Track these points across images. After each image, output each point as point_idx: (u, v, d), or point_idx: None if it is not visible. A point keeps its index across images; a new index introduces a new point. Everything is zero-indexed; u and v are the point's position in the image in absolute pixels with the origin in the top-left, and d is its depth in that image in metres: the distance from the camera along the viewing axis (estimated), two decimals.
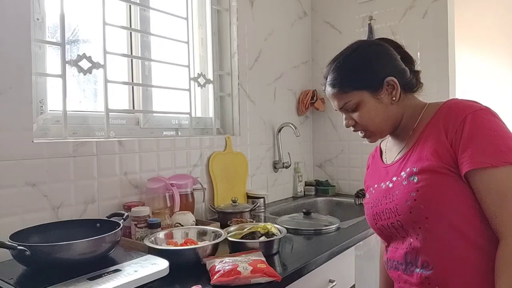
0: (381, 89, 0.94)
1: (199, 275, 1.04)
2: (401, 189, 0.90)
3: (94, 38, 1.50)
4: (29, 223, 1.12)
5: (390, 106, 0.95)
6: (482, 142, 0.80)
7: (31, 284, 0.88)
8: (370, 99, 0.94)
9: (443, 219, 0.84)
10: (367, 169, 1.16)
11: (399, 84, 0.94)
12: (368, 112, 0.95)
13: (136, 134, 1.62)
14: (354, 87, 0.95)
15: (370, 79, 0.94)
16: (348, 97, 0.96)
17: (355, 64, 0.96)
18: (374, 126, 0.97)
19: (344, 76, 0.96)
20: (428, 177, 0.85)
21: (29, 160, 1.17)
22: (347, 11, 2.39)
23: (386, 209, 0.94)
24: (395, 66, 0.96)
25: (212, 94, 1.94)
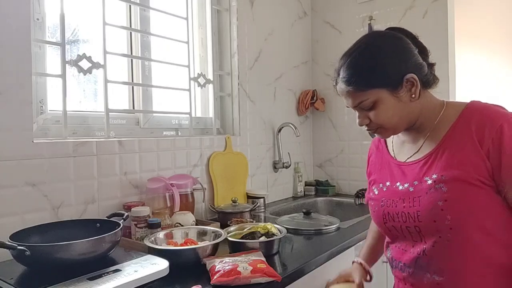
0: (400, 87, 0.87)
1: (199, 275, 1.04)
2: (426, 196, 0.86)
3: (94, 38, 1.50)
4: (29, 223, 1.12)
5: (409, 103, 0.89)
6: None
7: (31, 284, 0.88)
8: (389, 97, 0.88)
9: (468, 233, 0.82)
10: (369, 158, 1.11)
11: (419, 81, 0.88)
12: (386, 110, 0.89)
13: (136, 134, 1.62)
14: (372, 85, 0.87)
15: (389, 77, 0.87)
16: (364, 96, 0.88)
17: (372, 61, 0.88)
18: (391, 124, 0.91)
19: (360, 73, 0.88)
20: (458, 188, 0.82)
21: (29, 160, 1.17)
22: (347, 11, 2.38)
23: (404, 212, 0.90)
24: (414, 61, 0.89)
25: (212, 94, 1.94)
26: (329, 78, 2.65)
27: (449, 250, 0.84)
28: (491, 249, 0.82)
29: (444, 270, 0.85)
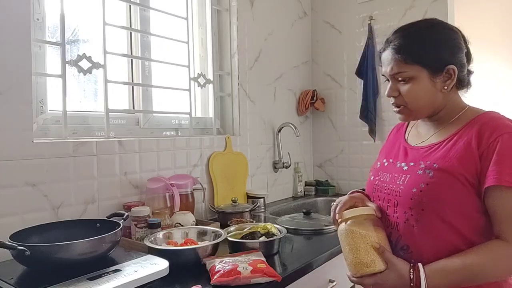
0: (440, 74, 0.93)
1: (199, 275, 1.04)
2: (413, 176, 0.93)
3: (94, 38, 1.50)
4: (29, 223, 1.12)
5: (439, 93, 0.95)
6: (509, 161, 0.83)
7: (31, 284, 0.88)
8: (426, 79, 0.93)
9: (435, 219, 0.88)
10: (389, 136, 1.17)
11: (456, 76, 0.94)
12: (418, 90, 0.94)
13: (136, 134, 1.62)
14: (418, 61, 0.92)
15: (436, 60, 0.93)
16: (406, 68, 0.93)
17: (428, 39, 0.94)
18: (417, 106, 0.95)
19: (413, 46, 0.93)
20: (443, 177, 0.88)
21: (29, 160, 1.17)
22: (347, 11, 2.38)
23: (391, 186, 0.98)
24: (460, 58, 0.95)
25: (212, 94, 1.94)
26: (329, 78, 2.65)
27: (416, 229, 0.91)
28: (453, 240, 0.88)
29: (409, 248, 0.93)
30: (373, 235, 0.93)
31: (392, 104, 1.00)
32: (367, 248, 0.92)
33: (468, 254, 0.85)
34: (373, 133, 2.24)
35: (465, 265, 0.84)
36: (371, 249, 0.91)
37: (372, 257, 0.91)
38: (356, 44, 2.35)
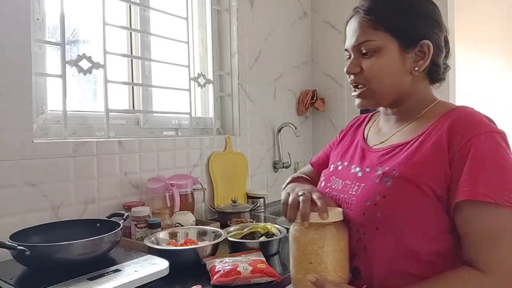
0: (412, 48, 0.79)
1: (199, 275, 1.04)
2: (368, 185, 0.78)
3: (94, 38, 1.50)
4: (29, 223, 1.12)
5: (408, 74, 0.80)
6: (491, 172, 0.68)
7: (31, 284, 0.88)
8: (395, 52, 0.78)
9: (395, 240, 0.73)
10: (345, 132, 1.02)
11: (431, 56, 0.79)
12: (383, 64, 0.79)
13: (136, 134, 1.62)
14: (388, 27, 0.78)
15: (409, 29, 0.78)
16: (374, 35, 0.78)
17: (405, 5, 0.80)
18: (380, 85, 0.80)
19: (386, 9, 0.79)
20: (404, 188, 0.72)
21: (29, 160, 1.17)
22: (347, 11, 2.37)
23: (342, 196, 0.82)
24: (438, 36, 0.81)
25: (212, 94, 1.94)
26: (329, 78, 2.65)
27: (369, 252, 0.76)
28: (412, 267, 0.73)
29: (361, 271, 0.78)
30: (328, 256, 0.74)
31: (351, 84, 0.84)
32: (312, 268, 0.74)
33: (433, 285, 0.69)
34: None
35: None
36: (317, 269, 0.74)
37: None
38: None
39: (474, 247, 0.69)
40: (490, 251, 0.68)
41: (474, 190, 0.67)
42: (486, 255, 0.68)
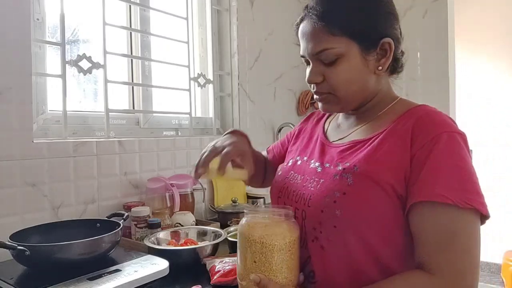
0: (373, 49, 0.75)
1: (199, 275, 1.04)
2: (328, 181, 0.74)
3: (94, 38, 1.50)
4: (29, 223, 1.12)
5: (372, 75, 0.77)
6: (450, 173, 0.66)
7: (31, 284, 0.88)
8: (357, 56, 0.74)
9: (355, 240, 0.70)
10: (302, 126, 0.99)
11: (392, 53, 0.76)
12: (347, 70, 0.74)
13: (136, 134, 1.62)
14: (346, 31, 0.73)
15: (369, 31, 0.74)
16: (333, 42, 0.73)
17: (360, 4, 0.75)
18: (347, 92, 0.76)
19: (341, 12, 0.74)
20: (364, 185, 0.70)
21: (29, 160, 1.17)
22: None
23: (300, 192, 0.79)
24: (396, 29, 0.78)
25: (212, 94, 1.94)
26: None
27: (326, 252, 0.73)
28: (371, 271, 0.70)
29: (316, 275, 0.74)
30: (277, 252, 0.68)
31: (314, 93, 0.81)
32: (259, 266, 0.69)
33: None
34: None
35: None
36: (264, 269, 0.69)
37: None
38: None
39: (427, 249, 0.67)
40: (442, 253, 0.65)
41: (432, 191, 0.65)
42: (438, 257, 0.65)
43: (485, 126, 3.57)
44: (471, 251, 0.65)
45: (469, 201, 0.65)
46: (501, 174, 3.53)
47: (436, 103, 2.31)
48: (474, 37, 3.52)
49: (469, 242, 0.66)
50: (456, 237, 0.65)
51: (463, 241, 0.65)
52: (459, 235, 0.65)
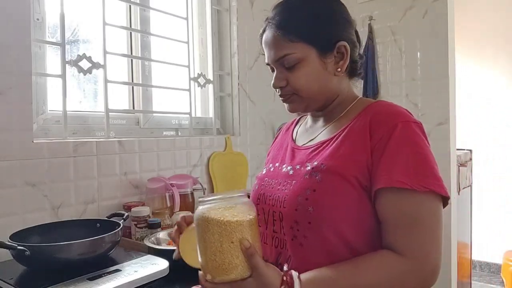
0: (330, 52, 0.80)
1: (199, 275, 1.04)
2: (299, 181, 0.78)
3: (94, 38, 1.50)
4: (29, 223, 1.12)
5: (332, 77, 0.82)
6: (408, 160, 0.70)
7: (31, 284, 0.88)
8: (315, 60, 0.80)
9: (330, 233, 0.73)
10: (275, 138, 1.05)
11: (349, 55, 0.82)
12: (308, 73, 0.80)
13: (136, 134, 1.62)
14: (303, 37, 0.79)
15: (323, 35, 0.80)
16: (291, 48, 0.79)
17: (314, 12, 0.81)
18: (309, 92, 0.82)
19: (296, 19, 0.80)
20: (332, 180, 0.74)
21: (29, 160, 1.17)
22: None
23: (276, 195, 0.82)
24: (350, 33, 0.84)
25: (212, 94, 1.94)
26: None
27: (305, 248, 0.75)
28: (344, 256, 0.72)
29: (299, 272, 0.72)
30: (245, 230, 0.66)
31: (280, 96, 0.86)
32: (232, 248, 0.65)
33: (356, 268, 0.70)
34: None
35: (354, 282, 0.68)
36: (237, 250, 0.65)
37: (236, 261, 0.65)
38: None
39: (394, 233, 0.71)
40: (408, 236, 0.69)
41: (390, 178, 0.70)
42: (405, 240, 0.69)
43: (485, 126, 3.57)
44: (434, 232, 0.70)
45: (427, 184, 0.69)
46: (501, 174, 3.53)
47: (436, 103, 2.31)
48: (474, 37, 3.52)
49: (432, 224, 0.70)
50: (419, 220, 0.70)
51: (426, 223, 0.70)
52: (422, 218, 0.70)
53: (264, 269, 0.66)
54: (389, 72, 2.27)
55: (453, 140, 2.11)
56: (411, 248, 0.69)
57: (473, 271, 3.28)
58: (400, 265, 0.69)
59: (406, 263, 0.69)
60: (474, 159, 2.93)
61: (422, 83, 2.15)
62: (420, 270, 0.69)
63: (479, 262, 3.65)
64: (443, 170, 2.18)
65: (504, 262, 3.18)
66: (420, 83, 2.16)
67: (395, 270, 0.69)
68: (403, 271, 0.69)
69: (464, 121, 3.43)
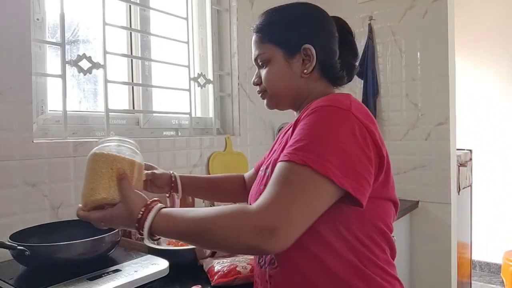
0: (295, 55, 0.86)
1: (199, 275, 1.04)
2: (258, 180, 0.89)
3: (94, 38, 1.50)
4: (29, 223, 1.12)
5: (299, 78, 0.87)
6: (300, 136, 0.72)
7: (31, 284, 0.88)
8: (282, 60, 0.87)
9: None
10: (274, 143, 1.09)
11: (316, 58, 0.86)
12: (274, 72, 0.88)
13: (136, 134, 1.62)
14: (271, 40, 0.87)
15: (289, 39, 0.87)
16: (263, 48, 0.88)
17: (284, 18, 0.89)
18: (274, 90, 0.89)
19: (268, 24, 0.89)
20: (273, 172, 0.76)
21: (29, 160, 1.17)
22: (347, 11, 2.38)
23: (252, 197, 0.90)
24: (324, 40, 0.88)
25: (212, 94, 1.94)
26: None
27: None
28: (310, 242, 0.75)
29: (276, 260, 0.80)
30: (125, 164, 0.78)
31: (258, 92, 0.95)
32: (109, 173, 0.76)
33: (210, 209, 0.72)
34: None
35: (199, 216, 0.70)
36: (114, 176, 0.76)
37: (110, 183, 0.76)
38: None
39: None
40: (265, 192, 0.69)
41: (283, 153, 0.72)
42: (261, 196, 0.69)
43: (485, 126, 3.57)
44: (294, 195, 0.67)
45: (305, 159, 0.68)
46: (501, 174, 3.53)
47: (436, 103, 2.31)
48: (474, 37, 3.52)
49: (296, 189, 0.67)
50: (282, 180, 0.68)
51: (292, 187, 0.67)
52: (289, 181, 0.68)
53: (131, 193, 0.76)
54: (389, 72, 2.27)
55: (453, 140, 2.11)
56: (259, 199, 0.68)
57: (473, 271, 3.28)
58: (245, 210, 0.68)
59: (246, 208, 0.68)
60: (474, 159, 2.93)
61: (422, 83, 2.15)
62: (254, 219, 0.66)
63: (479, 262, 3.65)
64: (443, 170, 2.20)
65: (504, 262, 3.18)
66: (420, 83, 2.16)
67: (239, 213, 0.68)
68: (245, 216, 0.67)
69: (464, 121, 3.43)
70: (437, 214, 2.12)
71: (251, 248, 0.67)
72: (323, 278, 0.76)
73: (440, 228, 2.12)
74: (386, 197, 0.81)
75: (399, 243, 1.98)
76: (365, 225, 0.78)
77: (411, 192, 2.19)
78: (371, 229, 0.79)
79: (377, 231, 0.80)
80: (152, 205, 0.74)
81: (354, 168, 0.70)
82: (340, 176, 0.68)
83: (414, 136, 2.15)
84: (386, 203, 0.82)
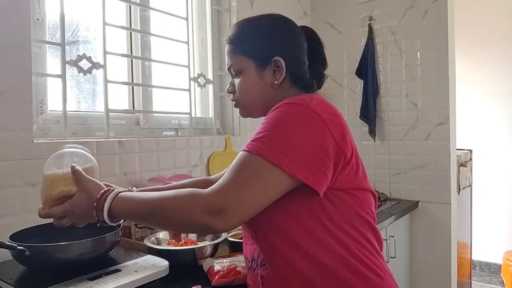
0: (266, 67, 0.89)
1: (199, 275, 1.04)
2: None
3: (94, 38, 1.50)
4: (29, 223, 1.12)
5: (270, 88, 0.90)
6: (260, 129, 0.77)
7: (31, 284, 0.88)
8: (253, 72, 0.90)
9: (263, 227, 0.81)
10: None
11: (286, 69, 0.89)
12: (245, 83, 0.91)
13: (136, 134, 1.62)
14: (243, 51, 0.91)
15: (260, 51, 0.90)
16: (236, 59, 0.91)
17: (255, 30, 0.92)
18: (246, 99, 0.92)
19: (239, 36, 0.92)
20: None
21: (29, 160, 1.17)
22: (347, 11, 2.38)
23: None
24: (293, 51, 0.91)
25: (212, 94, 1.94)
26: (329, 78, 2.65)
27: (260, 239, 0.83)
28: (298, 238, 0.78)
29: (267, 261, 0.82)
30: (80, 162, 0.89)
31: (232, 100, 0.98)
32: (65, 173, 0.87)
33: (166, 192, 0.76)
34: (373, 133, 2.24)
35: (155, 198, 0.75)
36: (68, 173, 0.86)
37: (65, 176, 0.86)
38: (356, 44, 2.35)
39: None
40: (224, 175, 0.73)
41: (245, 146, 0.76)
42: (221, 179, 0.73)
43: (485, 126, 3.57)
44: (245, 181, 0.71)
45: (260, 150, 0.73)
46: (501, 174, 3.53)
47: (436, 103, 2.31)
48: (474, 37, 3.53)
49: (248, 177, 0.72)
50: (240, 169, 0.73)
51: (244, 174, 0.72)
52: (243, 169, 0.73)
53: (87, 181, 0.84)
54: (389, 72, 2.27)
55: (453, 140, 2.11)
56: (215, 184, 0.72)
57: (473, 271, 3.28)
58: (198, 193, 0.72)
59: (199, 191, 0.72)
60: (474, 159, 2.93)
61: (422, 83, 2.15)
62: (206, 200, 0.70)
63: (479, 262, 3.65)
64: (443, 170, 2.20)
65: (504, 262, 3.18)
66: (420, 83, 2.16)
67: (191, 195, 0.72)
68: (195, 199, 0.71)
69: (464, 121, 3.43)
70: (437, 214, 2.12)
71: (201, 227, 0.71)
72: (314, 272, 0.77)
73: (440, 228, 2.12)
74: (360, 187, 0.84)
75: (399, 243, 1.98)
76: (346, 214, 0.80)
77: (411, 192, 2.19)
78: (354, 218, 0.81)
79: (360, 220, 0.82)
80: (110, 189, 0.81)
81: (307, 159, 0.73)
82: (291, 166, 0.72)
83: (414, 136, 2.15)
84: (362, 192, 0.84)
